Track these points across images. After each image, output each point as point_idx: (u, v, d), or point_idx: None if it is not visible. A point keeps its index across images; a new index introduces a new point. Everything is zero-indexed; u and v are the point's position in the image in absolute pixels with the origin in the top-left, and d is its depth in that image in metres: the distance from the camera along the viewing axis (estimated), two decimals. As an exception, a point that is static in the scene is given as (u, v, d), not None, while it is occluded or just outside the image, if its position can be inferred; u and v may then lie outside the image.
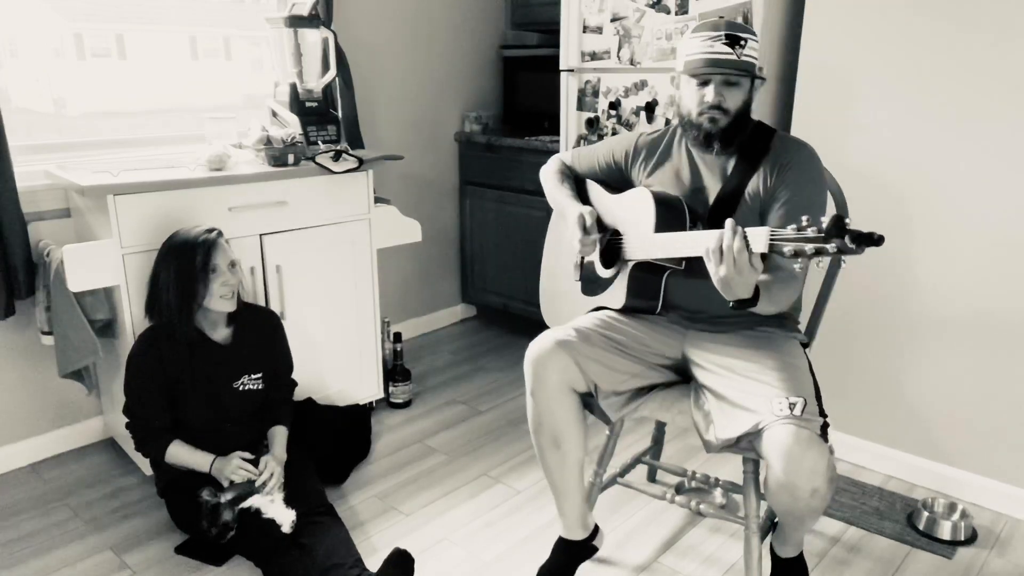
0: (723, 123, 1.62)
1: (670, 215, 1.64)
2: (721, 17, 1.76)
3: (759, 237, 1.32)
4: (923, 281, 2.19)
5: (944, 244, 2.13)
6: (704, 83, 1.61)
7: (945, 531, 2.04)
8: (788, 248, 1.26)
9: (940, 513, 2.10)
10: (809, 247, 1.23)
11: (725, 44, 1.57)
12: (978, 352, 2.13)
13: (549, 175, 1.96)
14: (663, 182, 1.76)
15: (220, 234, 2.01)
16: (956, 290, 2.13)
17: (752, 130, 1.69)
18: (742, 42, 1.57)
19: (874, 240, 1.18)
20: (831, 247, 1.21)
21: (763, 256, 1.35)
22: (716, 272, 1.39)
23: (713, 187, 1.70)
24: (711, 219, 1.67)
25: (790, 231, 1.27)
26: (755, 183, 1.65)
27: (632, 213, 1.70)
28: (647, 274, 1.69)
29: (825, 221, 1.22)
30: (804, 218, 1.26)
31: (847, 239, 1.18)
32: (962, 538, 2.04)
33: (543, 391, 1.67)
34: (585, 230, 1.71)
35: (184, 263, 1.93)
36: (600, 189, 1.87)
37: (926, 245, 2.16)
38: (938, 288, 2.16)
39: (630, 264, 1.70)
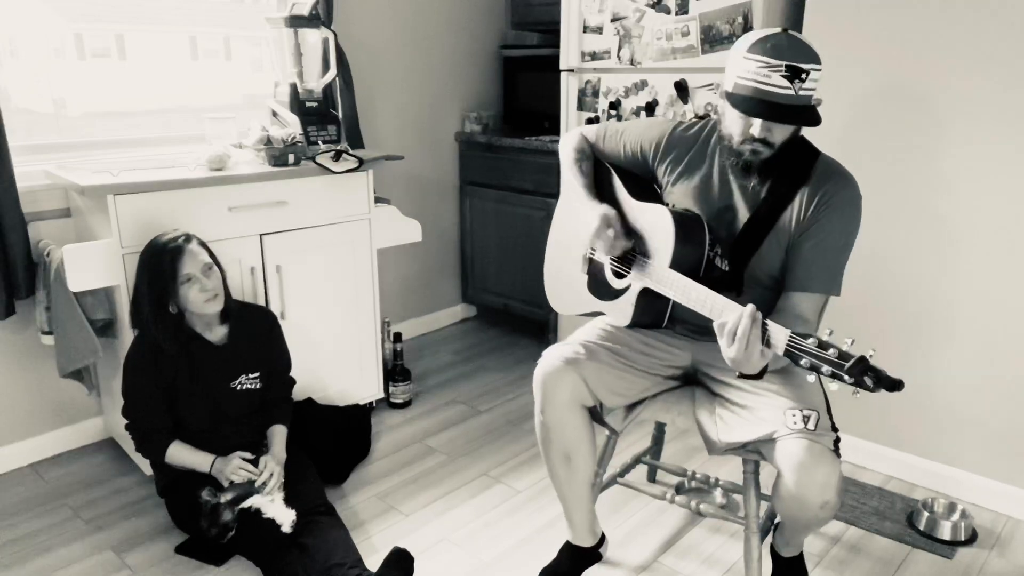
0: (766, 155, 1.47)
1: (689, 239, 1.53)
2: (785, 30, 1.41)
3: (778, 337, 1.26)
4: (924, 282, 2.19)
5: (946, 245, 2.13)
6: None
7: (945, 531, 2.04)
8: (805, 361, 1.23)
9: (940, 513, 2.10)
10: (826, 368, 1.20)
11: (784, 77, 1.35)
12: (978, 352, 2.13)
13: (567, 151, 1.80)
14: (688, 193, 1.64)
15: (189, 239, 1.95)
16: (957, 291, 2.13)
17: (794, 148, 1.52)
18: (803, 75, 1.35)
19: (895, 386, 1.15)
20: (848, 379, 1.17)
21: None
22: (725, 349, 1.32)
23: (743, 211, 1.57)
24: (736, 247, 1.57)
25: (811, 344, 1.21)
26: (789, 213, 1.52)
27: (651, 231, 1.60)
28: (656, 298, 1.62)
29: (848, 350, 1.17)
30: (828, 332, 1.22)
31: (867, 379, 1.16)
32: (962, 538, 2.04)
33: (553, 409, 1.65)
34: (613, 231, 1.60)
35: (154, 272, 1.91)
36: (622, 187, 1.73)
37: (928, 246, 2.16)
38: (939, 289, 2.16)
39: (640, 286, 1.63)
